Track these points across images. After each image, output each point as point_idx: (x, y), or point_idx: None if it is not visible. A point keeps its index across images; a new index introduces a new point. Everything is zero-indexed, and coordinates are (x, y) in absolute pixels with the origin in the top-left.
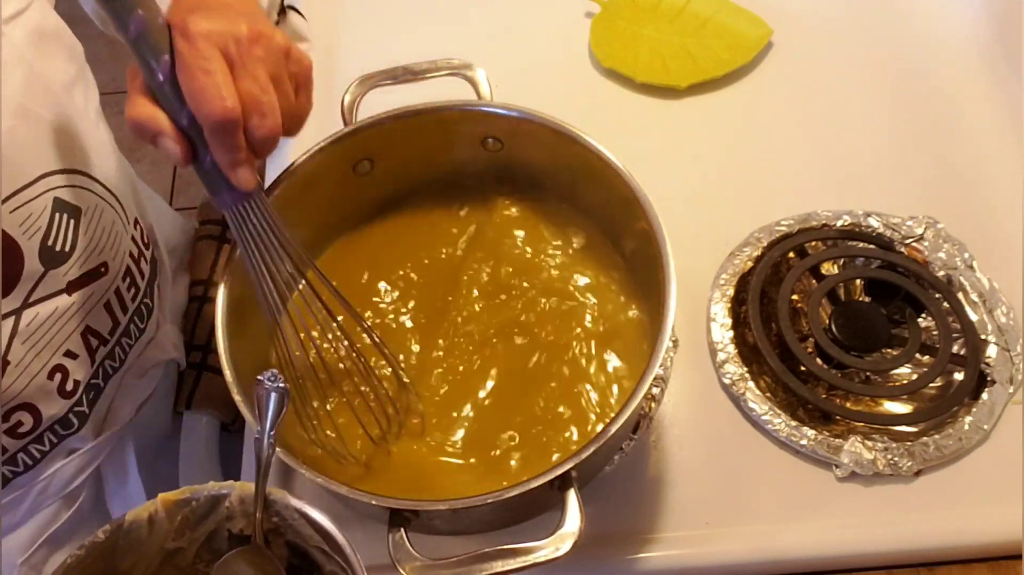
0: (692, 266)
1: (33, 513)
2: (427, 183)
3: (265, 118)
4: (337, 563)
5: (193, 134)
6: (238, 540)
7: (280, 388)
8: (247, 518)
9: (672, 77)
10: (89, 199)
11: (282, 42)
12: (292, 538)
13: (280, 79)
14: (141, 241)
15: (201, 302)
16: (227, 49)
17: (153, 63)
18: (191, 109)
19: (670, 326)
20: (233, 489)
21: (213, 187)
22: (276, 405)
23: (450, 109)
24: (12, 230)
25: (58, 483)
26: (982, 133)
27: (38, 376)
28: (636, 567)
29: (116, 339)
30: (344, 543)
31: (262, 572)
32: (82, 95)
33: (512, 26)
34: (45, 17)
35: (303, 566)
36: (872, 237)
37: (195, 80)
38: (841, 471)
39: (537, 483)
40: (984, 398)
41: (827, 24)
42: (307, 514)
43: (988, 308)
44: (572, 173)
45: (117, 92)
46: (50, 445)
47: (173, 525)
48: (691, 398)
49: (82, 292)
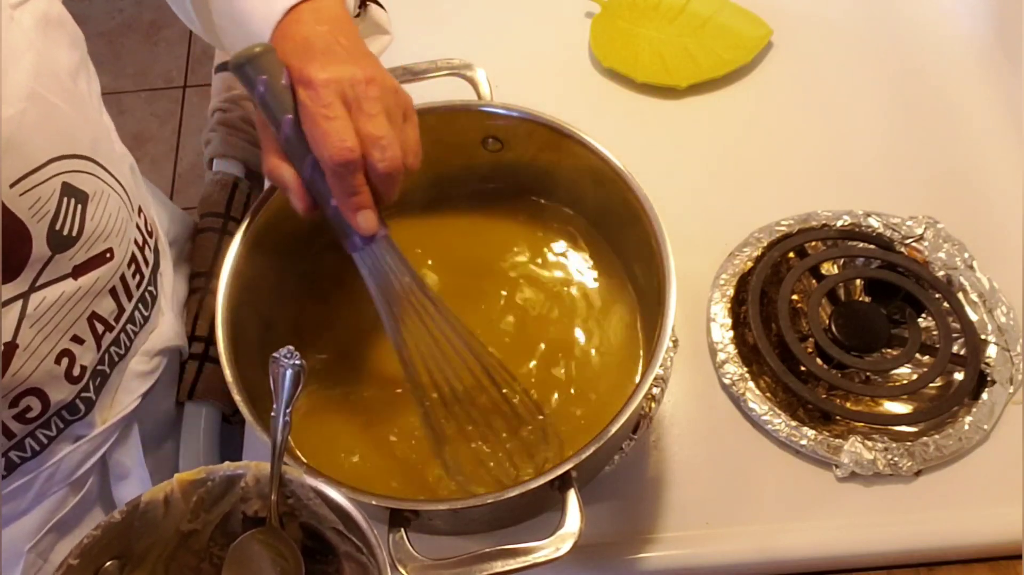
0: (692, 266)
1: (40, 499)
2: (427, 183)
3: (385, 151)
4: (352, 543)
5: (317, 182)
6: (253, 523)
7: (296, 365)
8: (262, 499)
9: (672, 77)
10: (96, 185)
11: (391, 83)
12: (307, 519)
13: (394, 116)
14: (145, 229)
15: (203, 294)
16: (345, 94)
17: (278, 120)
18: (315, 154)
19: (670, 326)
20: (248, 469)
21: (339, 232)
22: (292, 382)
23: (450, 109)
24: (21, 213)
25: (65, 470)
26: (982, 133)
27: (46, 360)
28: (636, 567)
29: (121, 326)
30: (362, 520)
31: (276, 553)
32: (86, 83)
33: (512, 26)
34: (50, 5)
35: (317, 548)
36: (872, 237)
37: (318, 127)
38: (841, 471)
39: (537, 483)
40: (984, 398)
41: (827, 24)
42: (324, 493)
43: (988, 308)
44: (572, 173)
45: (117, 92)
46: (57, 431)
47: (189, 506)
48: (691, 398)
49: (88, 277)
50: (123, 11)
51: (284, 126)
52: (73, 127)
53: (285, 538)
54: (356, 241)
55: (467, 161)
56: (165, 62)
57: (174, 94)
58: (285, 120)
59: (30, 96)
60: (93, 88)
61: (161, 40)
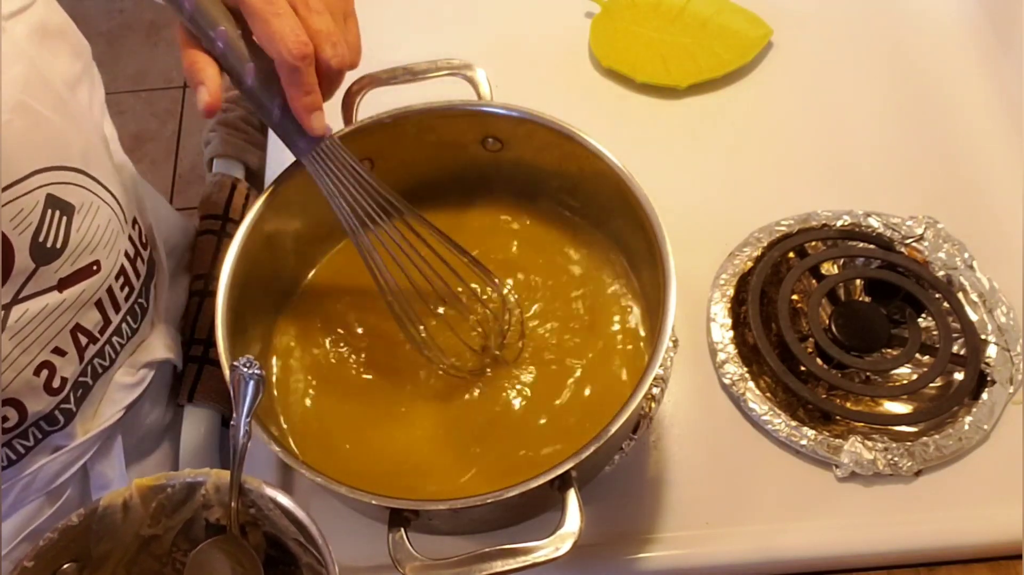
0: (692, 266)
1: (17, 508)
2: (427, 183)
3: (336, 47)
4: (313, 556)
5: (258, 90)
6: (215, 530)
7: (256, 375)
8: (224, 507)
9: (672, 77)
10: (84, 196)
11: None
12: (269, 529)
13: (336, 13)
14: (139, 241)
15: (202, 296)
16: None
17: (211, 33)
18: (271, 53)
19: (670, 326)
20: (209, 477)
21: (287, 137)
22: (252, 392)
23: (450, 109)
24: (3, 225)
25: (43, 479)
26: (982, 133)
27: (24, 372)
28: (636, 567)
29: (107, 338)
30: (316, 534)
31: (237, 562)
32: (87, 93)
33: (512, 26)
34: (50, 14)
35: (280, 558)
36: (872, 237)
37: (269, 25)
38: (841, 471)
39: (537, 483)
40: (984, 398)
41: (827, 24)
42: (281, 503)
43: (988, 308)
44: (572, 173)
45: (117, 92)
46: (35, 441)
47: (148, 511)
48: (691, 398)
49: (73, 290)
50: (123, 11)
51: (219, 38)
52: (63, 138)
53: (245, 547)
54: (303, 145)
55: (467, 161)
56: (165, 62)
57: (174, 94)
58: (219, 31)
59: (17, 107)
60: (95, 96)
61: (161, 40)
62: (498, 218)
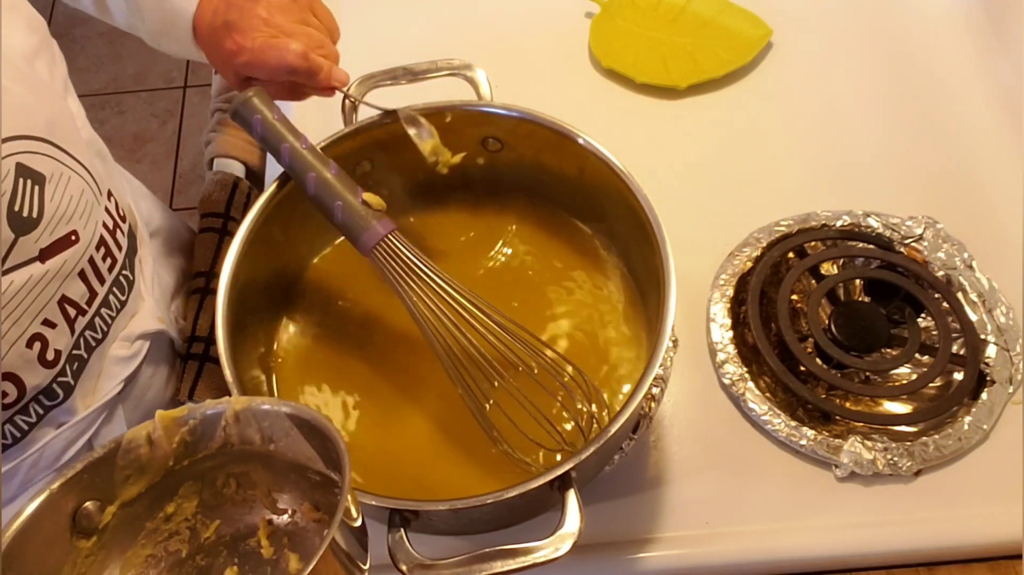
0: (692, 266)
1: (26, 486)
2: (427, 184)
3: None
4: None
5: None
6: None
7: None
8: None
9: (672, 77)
10: (54, 167)
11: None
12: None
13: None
14: (116, 213)
15: (203, 294)
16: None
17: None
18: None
19: (670, 326)
20: (228, 405)
21: (351, 236)
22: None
23: (450, 109)
24: None
25: (49, 456)
26: (982, 134)
27: (17, 344)
28: (636, 567)
29: (95, 310)
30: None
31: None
32: (46, 67)
33: (512, 26)
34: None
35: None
36: (872, 237)
37: (266, 55)
38: (841, 471)
39: (537, 483)
40: (984, 398)
41: (827, 24)
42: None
43: (988, 308)
44: (572, 173)
45: (117, 92)
46: (37, 416)
47: (172, 446)
48: (691, 398)
49: (55, 260)
50: None
51: (284, 154)
52: (27, 108)
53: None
54: (367, 240)
55: (467, 161)
56: (165, 62)
57: (174, 94)
58: (284, 148)
59: None
60: (57, 72)
61: None
62: (498, 218)
